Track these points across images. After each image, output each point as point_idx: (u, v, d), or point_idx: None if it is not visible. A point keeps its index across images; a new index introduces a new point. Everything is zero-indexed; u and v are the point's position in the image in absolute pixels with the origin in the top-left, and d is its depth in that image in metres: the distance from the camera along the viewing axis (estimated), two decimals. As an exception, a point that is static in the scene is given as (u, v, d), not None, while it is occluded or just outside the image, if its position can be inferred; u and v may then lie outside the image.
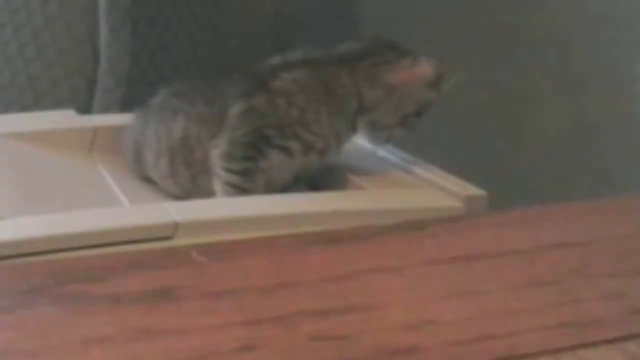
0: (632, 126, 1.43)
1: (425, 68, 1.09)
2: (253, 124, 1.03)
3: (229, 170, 1.03)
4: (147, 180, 1.11)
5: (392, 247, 0.68)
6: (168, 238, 0.89)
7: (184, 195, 1.07)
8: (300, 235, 0.72)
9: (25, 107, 1.53)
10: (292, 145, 1.04)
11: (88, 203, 1.01)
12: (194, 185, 1.06)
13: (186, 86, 1.13)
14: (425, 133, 1.10)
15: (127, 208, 1.00)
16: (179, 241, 0.88)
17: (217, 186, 1.04)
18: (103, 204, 1.01)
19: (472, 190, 1.01)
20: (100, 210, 0.97)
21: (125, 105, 1.52)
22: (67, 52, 1.57)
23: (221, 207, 0.97)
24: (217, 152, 1.04)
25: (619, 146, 1.46)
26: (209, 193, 1.04)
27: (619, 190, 1.40)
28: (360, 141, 1.23)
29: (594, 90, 1.50)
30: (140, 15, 1.61)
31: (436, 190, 1.03)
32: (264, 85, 1.05)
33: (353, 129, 1.08)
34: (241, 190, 1.03)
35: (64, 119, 1.23)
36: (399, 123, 1.09)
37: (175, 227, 0.89)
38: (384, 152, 1.17)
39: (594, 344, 0.54)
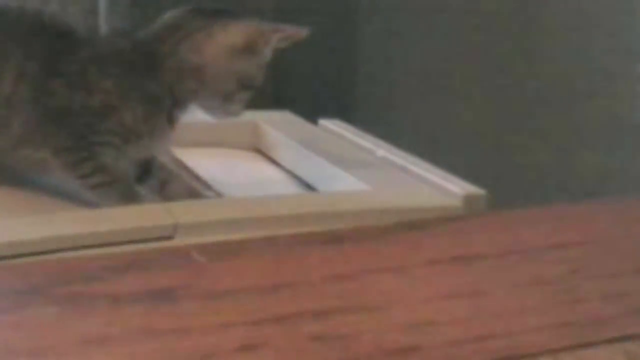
0: (632, 126, 1.43)
1: (224, 35, 1.01)
2: (66, 126, 0.99)
3: (83, 177, 1.00)
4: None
5: (392, 247, 0.68)
6: (168, 238, 0.89)
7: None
8: (300, 235, 0.72)
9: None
10: (112, 140, 1.00)
11: (88, 203, 1.01)
12: (14, 154, 1.01)
13: (28, 25, 1.02)
14: (425, 133, 1.10)
15: (127, 208, 1.00)
16: (179, 241, 0.88)
17: (87, 194, 1.00)
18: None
19: (472, 189, 1.01)
20: (101, 210, 0.97)
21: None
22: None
23: (221, 207, 0.97)
24: (57, 167, 1.00)
25: (619, 146, 1.46)
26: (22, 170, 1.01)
27: (618, 191, 1.40)
28: (360, 141, 1.23)
29: (594, 91, 1.50)
30: (140, 16, 1.61)
31: (436, 189, 1.03)
32: (84, 81, 0.99)
33: (170, 123, 1.04)
34: (108, 184, 0.99)
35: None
36: (225, 100, 1.04)
37: (175, 228, 0.89)
38: (383, 152, 1.17)
39: (594, 344, 0.54)
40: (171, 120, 1.04)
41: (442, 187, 1.03)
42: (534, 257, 0.67)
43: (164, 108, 1.03)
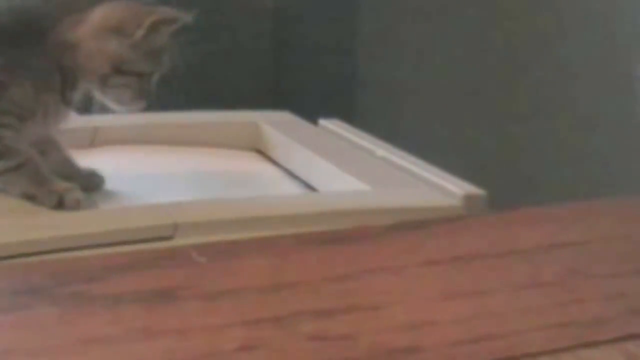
0: (632, 126, 1.43)
1: (95, 14, 1.01)
2: None
3: None
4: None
5: (392, 247, 0.68)
6: (168, 238, 0.89)
7: None
8: (300, 235, 0.72)
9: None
10: (9, 121, 0.99)
11: (88, 202, 1.01)
12: None
13: None
14: (425, 133, 1.10)
15: (127, 208, 1.00)
16: (179, 241, 0.88)
17: None
18: (103, 203, 1.01)
19: (472, 189, 1.01)
20: (100, 210, 0.97)
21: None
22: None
23: (221, 207, 0.97)
24: None
25: (619, 146, 1.46)
26: None
27: (619, 190, 1.40)
28: (360, 141, 1.23)
29: (594, 91, 1.50)
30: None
31: (436, 189, 1.03)
32: None
33: (65, 102, 1.03)
34: (14, 169, 0.99)
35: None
36: (101, 83, 1.03)
37: (175, 227, 0.89)
38: (383, 152, 1.17)
39: (594, 344, 0.54)
40: (65, 100, 1.04)
41: (442, 187, 1.03)
42: (533, 257, 0.67)
43: (55, 85, 1.02)
